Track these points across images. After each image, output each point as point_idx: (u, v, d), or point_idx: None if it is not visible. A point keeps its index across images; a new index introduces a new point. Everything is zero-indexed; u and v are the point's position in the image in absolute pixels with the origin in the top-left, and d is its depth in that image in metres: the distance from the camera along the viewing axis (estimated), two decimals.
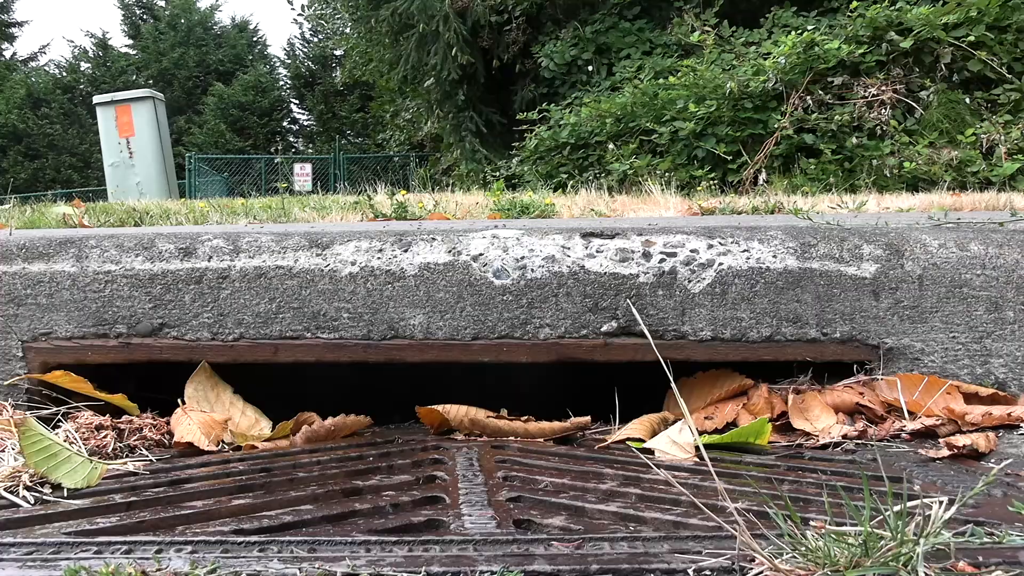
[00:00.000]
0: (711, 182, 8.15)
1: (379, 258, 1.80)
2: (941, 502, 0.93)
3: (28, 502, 1.26)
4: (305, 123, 36.01)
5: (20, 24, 36.81)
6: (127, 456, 1.57)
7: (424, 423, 1.81)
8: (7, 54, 36.18)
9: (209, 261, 1.80)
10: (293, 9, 54.79)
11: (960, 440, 1.49)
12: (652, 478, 1.36)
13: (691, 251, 1.79)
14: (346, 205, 5.47)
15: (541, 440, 1.71)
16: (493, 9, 13.17)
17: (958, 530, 1.03)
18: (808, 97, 8.52)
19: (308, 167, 21.36)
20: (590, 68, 12.30)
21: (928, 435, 1.60)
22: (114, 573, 0.90)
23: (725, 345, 1.76)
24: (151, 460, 1.55)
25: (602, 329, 1.76)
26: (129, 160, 14.20)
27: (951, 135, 7.90)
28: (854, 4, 9.12)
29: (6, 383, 1.76)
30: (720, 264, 1.77)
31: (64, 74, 34.48)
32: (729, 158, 8.59)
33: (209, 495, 1.30)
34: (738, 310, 1.75)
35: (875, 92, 8.30)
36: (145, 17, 36.67)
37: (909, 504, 0.91)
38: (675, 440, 1.57)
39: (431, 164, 18.99)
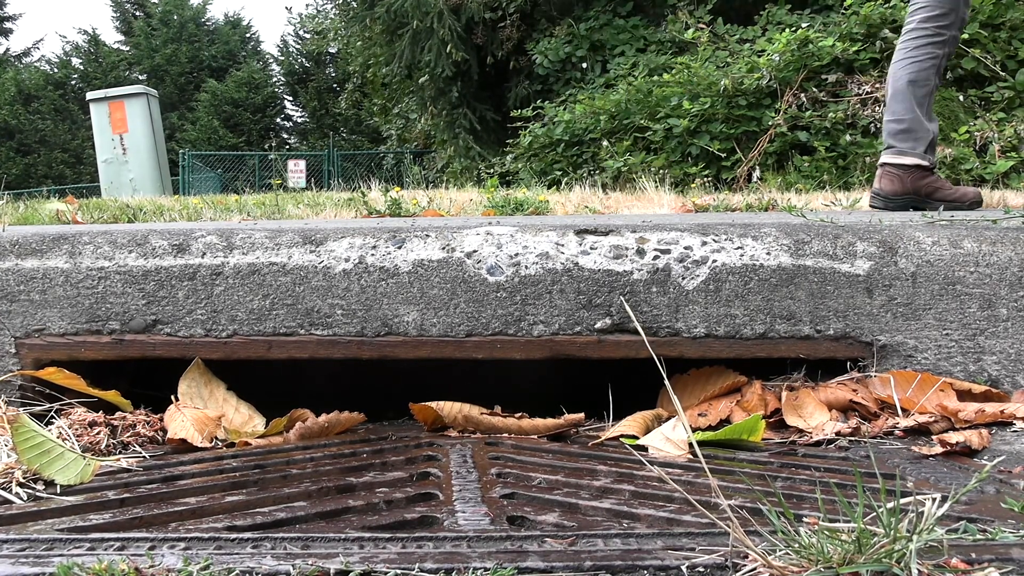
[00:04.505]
0: (705, 179, 8.15)
1: (373, 255, 1.79)
2: (934, 499, 0.93)
3: (21, 498, 1.25)
4: (299, 119, 35.98)
5: (13, 18, 36.72)
6: (120, 452, 1.57)
7: (418, 420, 1.81)
8: (0, 49, 36.07)
9: (203, 258, 1.80)
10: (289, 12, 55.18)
11: (953, 437, 1.49)
12: (645, 475, 1.37)
13: (685, 248, 1.79)
14: (340, 202, 5.45)
15: (535, 437, 1.71)
16: (487, 6, 13.14)
17: (951, 527, 1.03)
18: (802, 94, 8.53)
19: (302, 164, 21.31)
20: (584, 65, 12.28)
21: (921, 432, 1.60)
22: (107, 570, 0.90)
23: (719, 342, 1.76)
24: (144, 456, 1.54)
25: (596, 326, 1.76)
26: (123, 156, 14.13)
27: (945, 132, 7.91)
28: (848, 1, 9.13)
29: None
30: (714, 261, 1.77)
31: (55, 70, 34.36)
32: (723, 155, 8.59)
33: (202, 492, 1.30)
34: (732, 307, 1.76)
35: (869, 90, 8.31)
36: (137, 13, 36.58)
37: (902, 501, 0.91)
38: (668, 437, 1.57)
39: (425, 161, 18.97)
